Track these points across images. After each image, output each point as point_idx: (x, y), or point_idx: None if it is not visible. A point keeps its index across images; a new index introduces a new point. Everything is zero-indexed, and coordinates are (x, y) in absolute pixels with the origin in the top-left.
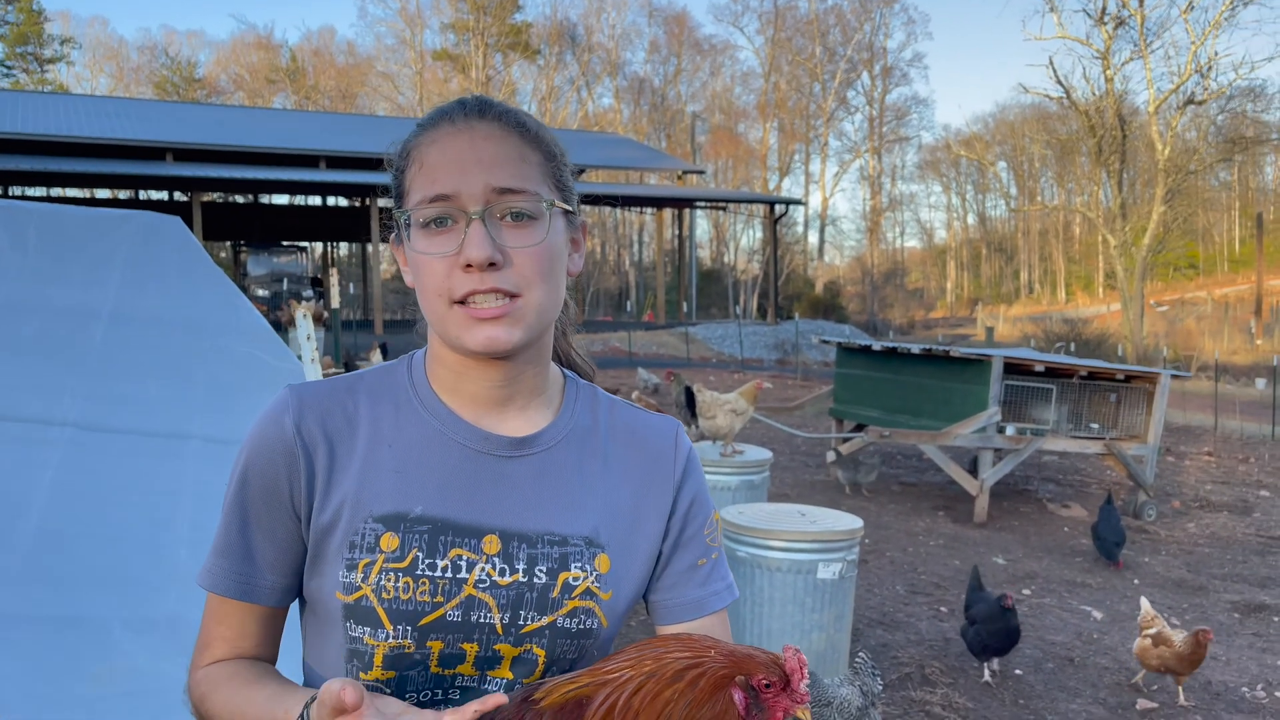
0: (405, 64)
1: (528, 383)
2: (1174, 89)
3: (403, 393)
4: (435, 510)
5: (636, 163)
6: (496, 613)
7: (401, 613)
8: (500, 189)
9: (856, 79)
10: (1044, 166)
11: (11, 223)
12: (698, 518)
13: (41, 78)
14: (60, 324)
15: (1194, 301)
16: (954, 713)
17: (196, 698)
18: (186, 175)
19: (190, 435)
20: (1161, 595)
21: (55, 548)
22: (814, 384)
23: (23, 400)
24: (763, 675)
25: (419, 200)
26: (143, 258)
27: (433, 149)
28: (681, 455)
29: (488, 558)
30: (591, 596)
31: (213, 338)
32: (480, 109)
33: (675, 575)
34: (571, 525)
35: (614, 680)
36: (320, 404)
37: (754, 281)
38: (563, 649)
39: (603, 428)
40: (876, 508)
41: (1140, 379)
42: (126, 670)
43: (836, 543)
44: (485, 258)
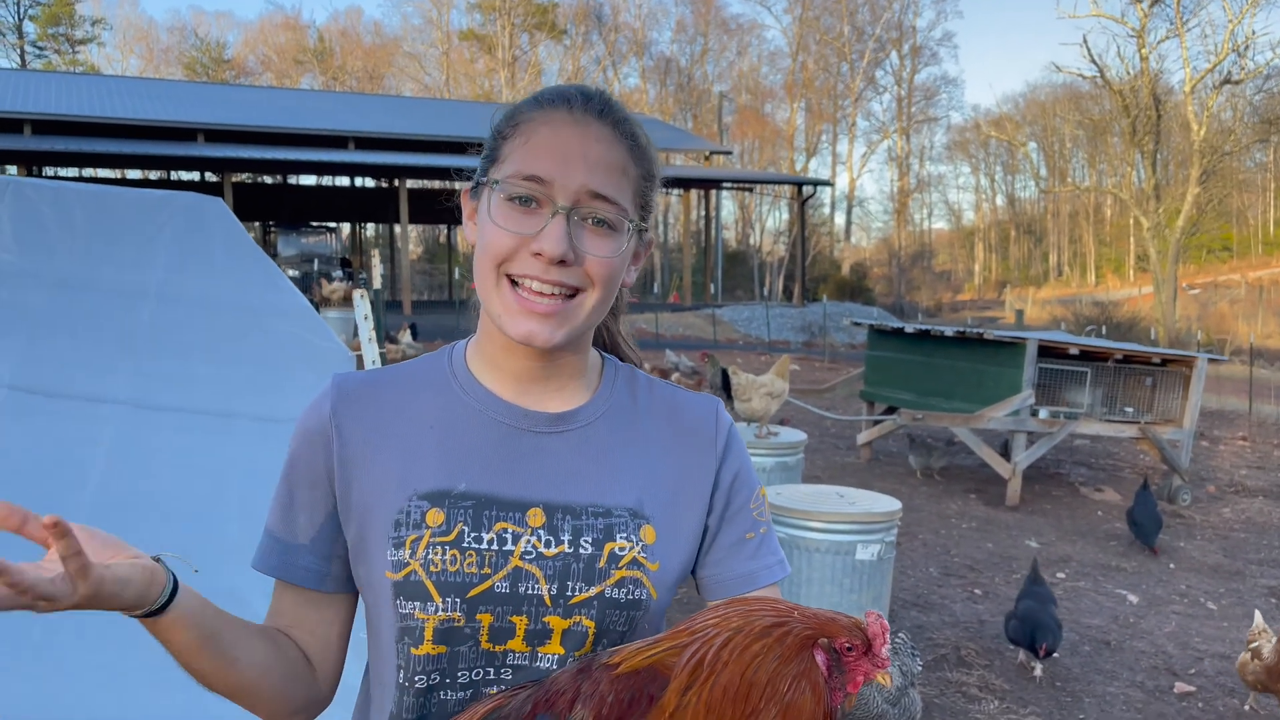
0: (432, 44)
1: (569, 365)
2: (1210, 68)
3: (442, 378)
4: (479, 486)
5: (663, 143)
6: (544, 584)
7: (450, 585)
8: (594, 193)
9: (885, 58)
10: (1075, 147)
11: (59, 203)
12: (742, 492)
13: (73, 58)
14: (109, 303)
15: (1227, 284)
16: (991, 694)
17: None
18: (218, 156)
19: (237, 414)
20: (1198, 580)
21: (112, 522)
22: (841, 366)
23: (76, 378)
24: (846, 638)
25: (513, 173)
26: (187, 238)
27: (543, 129)
28: (723, 431)
29: (532, 530)
30: (639, 567)
31: (257, 318)
32: (602, 108)
33: (723, 549)
34: (615, 497)
35: (701, 635)
36: (360, 392)
37: (780, 263)
38: (612, 620)
39: (642, 405)
40: (908, 490)
41: (1176, 363)
42: None
43: (875, 524)
44: (558, 254)
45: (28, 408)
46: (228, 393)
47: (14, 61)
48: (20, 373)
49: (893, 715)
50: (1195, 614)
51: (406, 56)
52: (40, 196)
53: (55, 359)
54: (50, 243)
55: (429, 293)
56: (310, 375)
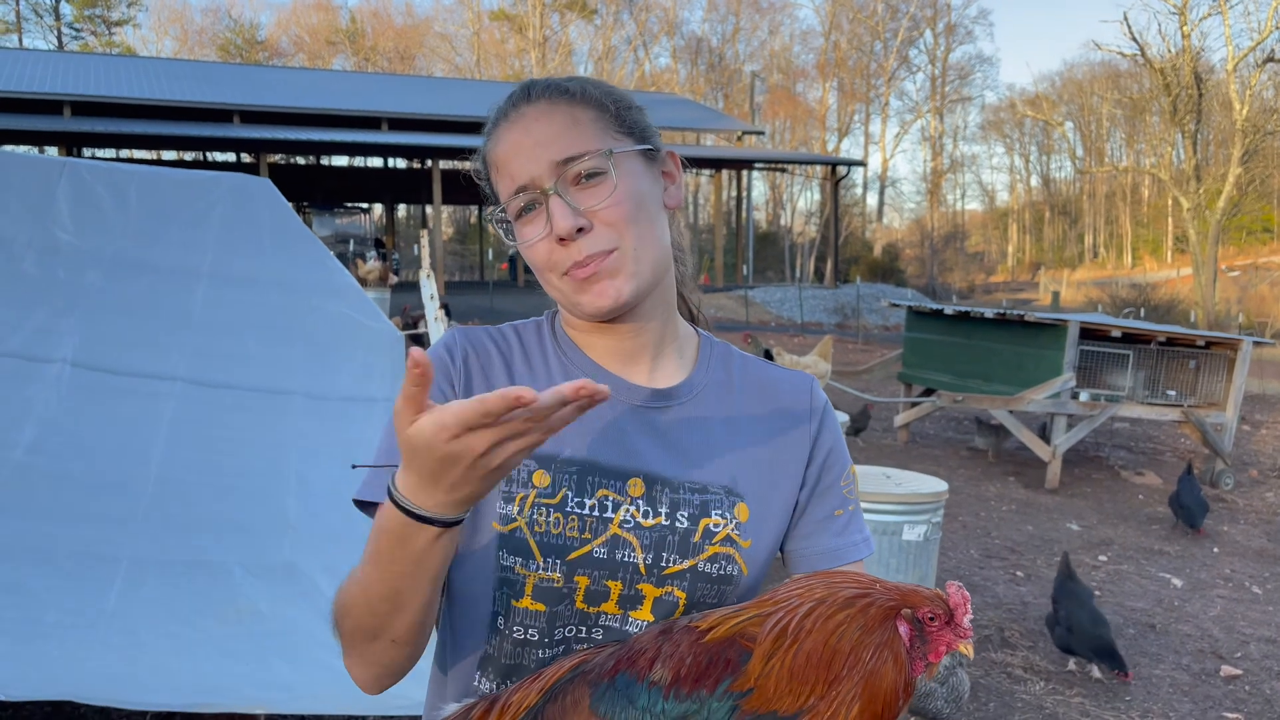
0: (463, 25)
1: (655, 332)
2: (1253, 46)
3: (549, 344)
4: (582, 453)
5: (695, 123)
6: (640, 552)
7: (552, 546)
8: (560, 161)
9: (919, 37)
10: (1113, 127)
11: (113, 184)
12: (834, 468)
13: (109, 40)
14: (164, 283)
15: (1268, 267)
16: (1035, 675)
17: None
18: (254, 137)
19: (291, 391)
20: (1242, 564)
21: (175, 495)
22: (875, 348)
23: (135, 356)
24: (928, 609)
25: (506, 196)
26: (237, 219)
27: (499, 147)
28: (818, 407)
29: (632, 499)
30: (732, 544)
31: (306, 297)
32: (526, 94)
33: (812, 524)
34: (712, 474)
35: (785, 604)
36: (481, 343)
37: (811, 244)
38: (703, 593)
39: (738, 382)
40: (946, 472)
41: (1220, 345)
42: (251, 613)
43: (922, 505)
44: (570, 225)
45: (91, 385)
46: (281, 371)
47: (51, 43)
48: (82, 351)
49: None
50: (1240, 598)
51: (438, 37)
52: (95, 177)
53: (115, 337)
54: (106, 223)
55: (460, 274)
56: (361, 354)
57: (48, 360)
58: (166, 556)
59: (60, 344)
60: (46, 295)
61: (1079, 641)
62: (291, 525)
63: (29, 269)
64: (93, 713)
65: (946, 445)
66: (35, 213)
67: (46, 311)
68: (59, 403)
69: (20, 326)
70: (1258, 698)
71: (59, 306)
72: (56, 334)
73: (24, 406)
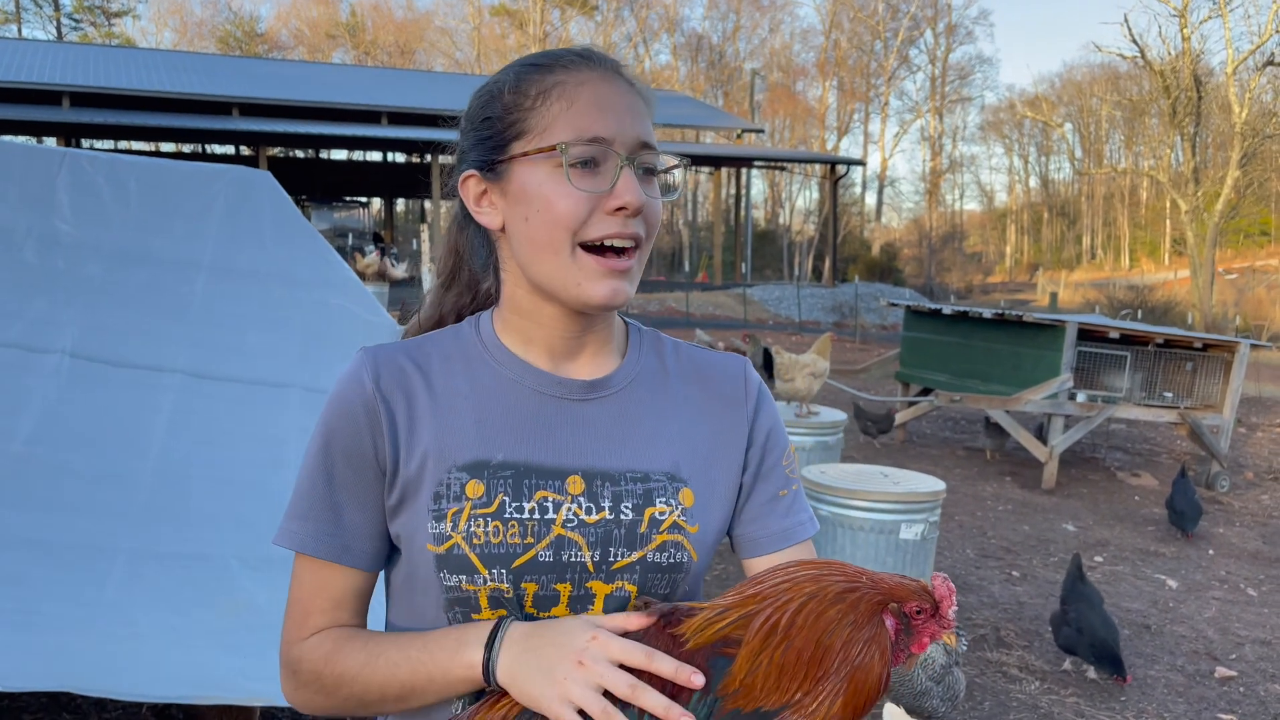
0: (463, 19)
1: (600, 332)
2: (1254, 49)
3: (472, 349)
4: (516, 455)
5: (695, 120)
6: (586, 550)
7: (494, 556)
8: (643, 142)
9: (919, 37)
10: (1112, 128)
11: (114, 175)
12: (775, 449)
13: (109, 31)
14: (165, 274)
15: (1265, 270)
16: (1031, 675)
17: (317, 660)
18: (253, 130)
19: (291, 384)
20: (1237, 566)
21: (173, 487)
22: (873, 347)
23: (135, 347)
24: (915, 603)
25: (574, 138)
26: (238, 212)
27: (584, 89)
28: (752, 389)
29: (573, 497)
30: (679, 530)
31: (307, 290)
32: (615, 64)
33: (758, 507)
34: (652, 462)
35: (774, 600)
36: (395, 361)
37: (809, 243)
38: (654, 584)
39: (671, 368)
40: (942, 471)
41: (1217, 348)
42: (249, 605)
43: (920, 504)
44: (641, 203)
45: (90, 376)
46: (281, 364)
47: (50, 34)
48: (81, 342)
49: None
50: (1235, 600)
51: (438, 31)
52: (95, 168)
53: (114, 328)
54: (106, 214)
55: None
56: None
57: (46, 351)
58: (165, 548)
59: (59, 335)
60: (46, 286)
61: (1086, 644)
62: None
63: (28, 259)
64: (89, 704)
65: (943, 445)
66: (35, 203)
67: (45, 302)
68: (58, 394)
69: (19, 316)
70: (1252, 699)
71: (58, 297)
72: (55, 325)
73: (22, 397)
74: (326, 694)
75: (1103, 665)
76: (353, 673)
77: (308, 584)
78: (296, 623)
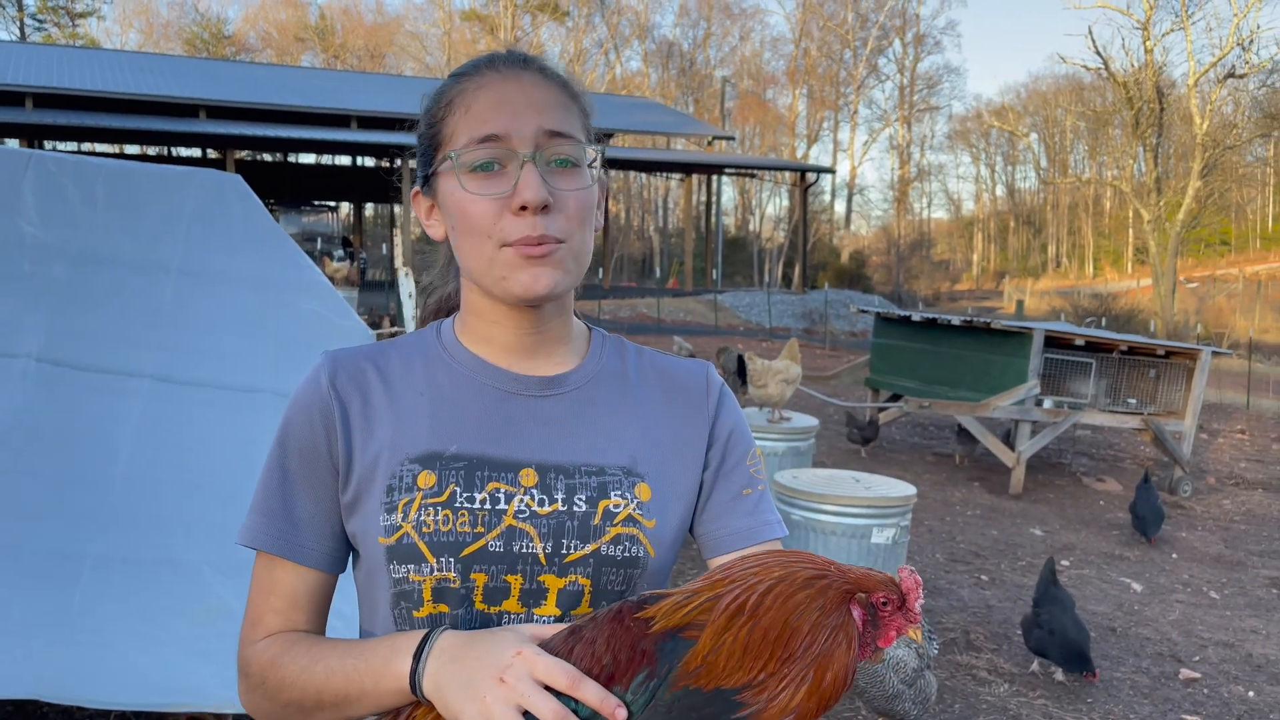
0: (434, 24)
1: (555, 331)
2: (1214, 62)
3: (432, 349)
4: (470, 448)
5: (666, 127)
6: (539, 542)
7: (443, 544)
8: (552, 131)
9: (888, 46)
10: (1076, 139)
11: (81, 178)
12: (737, 448)
13: (73, 32)
14: (133, 278)
15: (1225, 278)
16: (1000, 677)
17: (262, 665)
18: (220, 133)
19: (261, 389)
20: (1200, 570)
21: (143, 493)
22: (843, 353)
23: (103, 351)
24: (882, 594)
25: (467, 142)
26: (208, 215)
27: (481, 93)
28: (714, 389)
29: (526, 489)
30: (634, 524)
31: (278, 294)
32: (524, 60)
33: (721, 505)
34: (608, 456)
35: (742, 582)
36: (354, 363)
37: (779, 250)
38: (608, 579)
39: (632, 370)
40: (912, 476)
41: (1180, 355)
42: (220, 611)
43: (891, 508)
44: (542, 199)
45: (57, 380)
46: (252, 368)
47: (13, 34)
48: (48, 346)
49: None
50: (1198, 603)
51: (408, 36)
52: (62, 170)
53: (81, 332)
54: (73, 216)
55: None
56: None
57: (12, 355)
58: (134, 554)
59: (25, 339)
60: (11, 289)
61: (1058, 645)
62: None
63: None
64: (56, 712)
65: (913, 450)
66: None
67: (11, 305)
68: (24, 398)
69: None
70: (1215, 700)
71: (24, 300)
72: (21, 328)
73: None
74: (270, 699)
75: (1071, 665)
76: (291, 678)
77: (264, 582)
78: (250, 624)
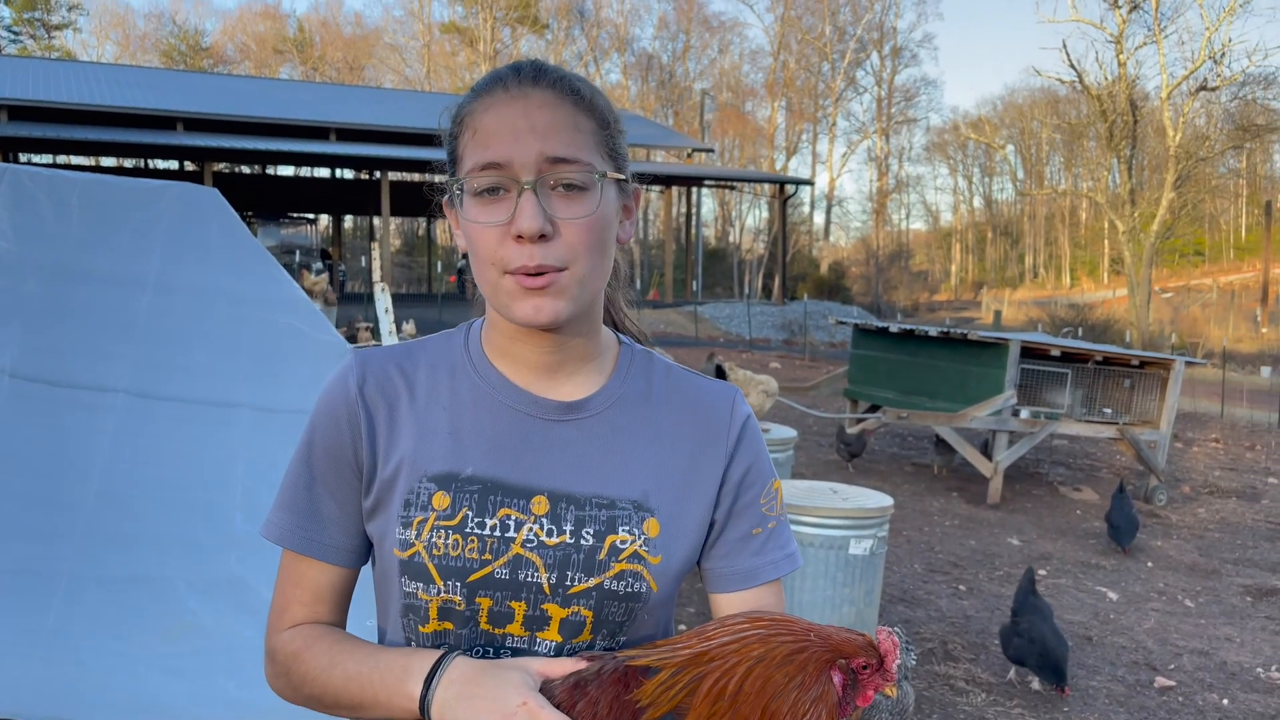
0: (413, 36)
1: (578, 349)
2: (1187, 75)
3: (459, 358)
4: (485, 471)
5: (645, 139)
6: (544, 572)
7: (451, 569)
8: (553, 158)
9: (866, 59)
10: (1052, 150)
11: (55, 191)
12: (753, 487)
13: (49, 44)
14: (107, 292)
15: (1199, 289)
16: (977, 687)
17: (287, 656)
18: (198, 145)
19: (239, 404)
20: (1175, 578)
21: (117, 510)
22: (822, 364)
23: (76, 366)
24: (862, 659)
25: (471, 167)
26: (183, 229)
27: (487, 116)
28: (737, 422)
29: (536, 518)
30: (640, 560)
31: (254, 309)
32: (535, 75)
33: (729, 544)
34: (620, 489)
35: (721, 662)
36: (382, 367)
37: (759, 261)
38: (610, 611)
39: (657, 393)
40: (890, 487)
41: (1154, 365)
42: (194, 629)
43: (869, 519)
44: (536, 229)
45: (31, 396)
46: (228, 383)
47: None
48: (21, 361)
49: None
50: (1173, 611)
51: (387, 48)
52: (37, 184)
53: (55, 348)
54: (47, 231)
55: (408, 285)
56: (307, 367)
57: None
58: (108, 572)
59: None
60: None
61: (1037, 654)
62: (237, 539)
63: None
64: None
65: (891, 461)
66: None
67: None
68: None
69: None
70: (1190, 708)
71: None
72: None
73: None
74: (294, 689)
75: (1047, 676)
76: (313, 675)
77: (290, 575)
78: (277, 613)
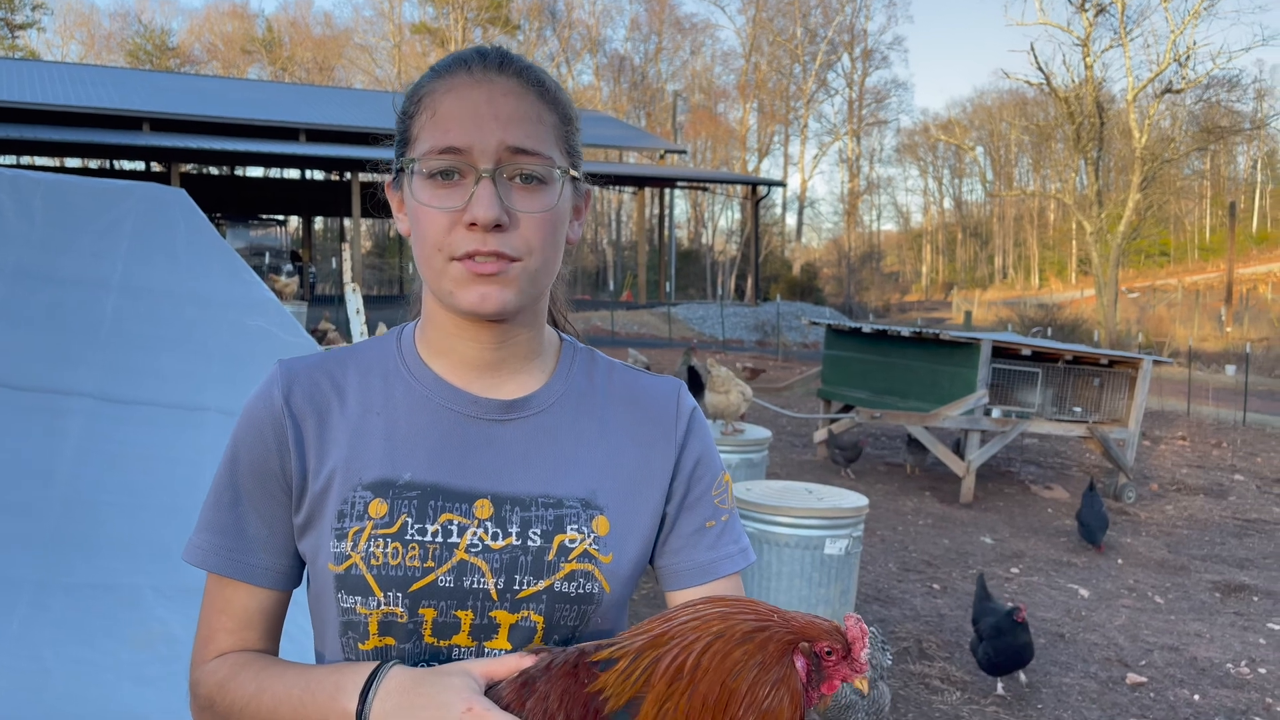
0: (383, 37)
1: (521, 346)
2: (1152, 77)
3: (391, 362)
4: (424, 476)
5: (618, 141)
6: (490, 577)
7: (391, 579)
8: (514, 148)
9: (837, 61)
10: (1021, 152)
11: (17, 191)
12: (704, 479)
13: (12, 44)
14: (71, 294)
15: (1165, 289)
16: (952, 685)
17: (211, 687)
18: (165, 146)
19: (206, 408)
20: (1145, 575)
21: (82, 516)
22: (794, 365)
23: (39, 370)
24: (826, 643)
25: (428, 149)
26: (150, 230)
27: (448, 98)
28: (684, 415)
29: (479, 522)
30: (590, 559)
31: (223, 311)
32: (501, 62)
33: (682, 538)
34: (566, 487)
35: (680, 639)
36: (309, 376)
37: (732, 262)
38: (561, 615)
39: (601, 390)
40: (864, 487)
41: (1123, 364)
42: (163, 636)
43: (843, 519)
44: (493, 219)
45: None
46: (196, 386)
47: None
48: None
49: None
50: (1144, 608)
51: (357, 49)
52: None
53: (17, 350)
54: (9, 232)
55: (379, 287)
56: None
57: None
58: (74, 579)
59: None
60: None
61: (994, 653)
62: None
63: None
64: None
65: (865, 461)
66: None
67: None
68: None
69: None
70: (1162, 704)
71: None
72: None
73: None
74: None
75: (998, 671)
76: (240, 704)
77: (215, 601)
78: (201, 644)
